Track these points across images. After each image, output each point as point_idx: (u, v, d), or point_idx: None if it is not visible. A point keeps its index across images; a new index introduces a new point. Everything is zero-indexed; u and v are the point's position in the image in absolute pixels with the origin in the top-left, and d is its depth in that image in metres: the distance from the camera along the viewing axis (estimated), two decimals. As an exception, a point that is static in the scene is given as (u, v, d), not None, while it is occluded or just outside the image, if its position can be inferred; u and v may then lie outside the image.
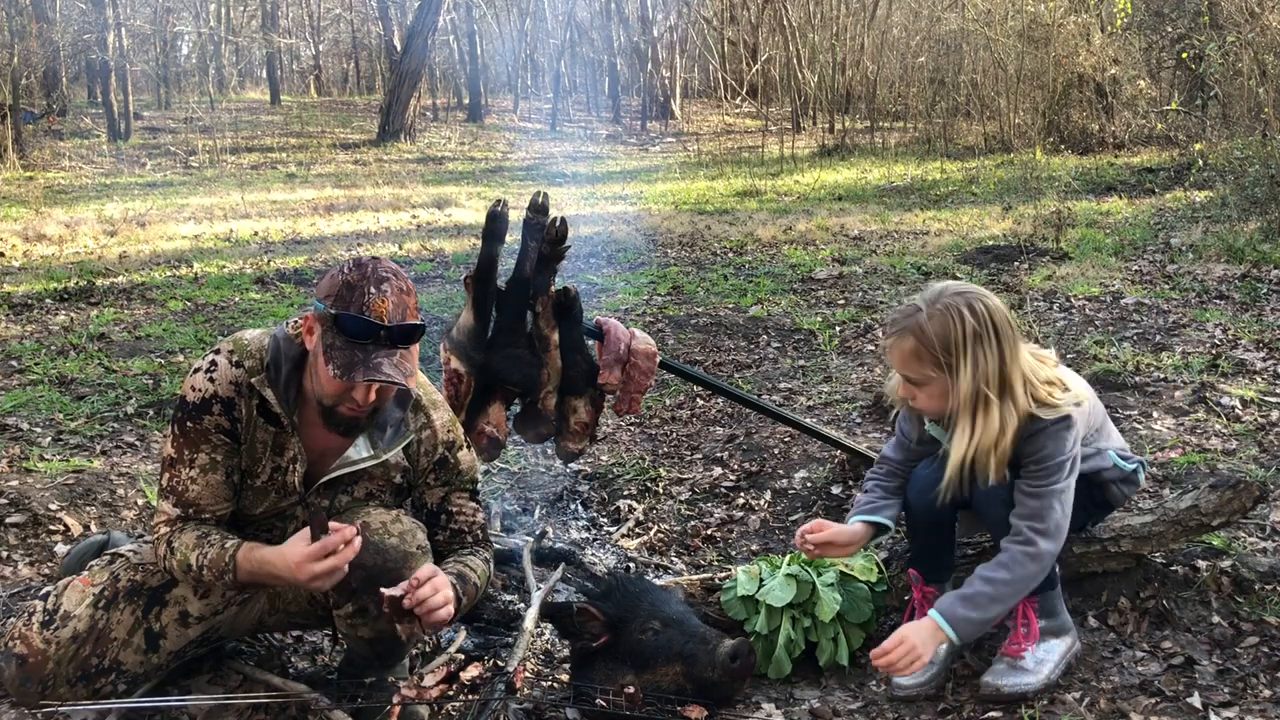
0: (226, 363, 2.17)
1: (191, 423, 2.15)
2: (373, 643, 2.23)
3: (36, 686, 2.14)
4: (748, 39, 27.47)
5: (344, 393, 2.09)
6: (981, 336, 2.20)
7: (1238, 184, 8.45)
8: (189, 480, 2.17)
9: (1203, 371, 4.33)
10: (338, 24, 35.72)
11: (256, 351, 2.19)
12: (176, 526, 2.18)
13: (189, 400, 2.15)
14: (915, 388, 2.30)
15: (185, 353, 5.74)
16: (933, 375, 2.25)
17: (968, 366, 2.20)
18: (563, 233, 2.83)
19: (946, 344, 2.21)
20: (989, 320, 2.21)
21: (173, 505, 2.18)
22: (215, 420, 2.15)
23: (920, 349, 2.23)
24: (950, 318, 2.20)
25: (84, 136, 20.07)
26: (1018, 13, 14.96)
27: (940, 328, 2.21)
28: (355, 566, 2.10)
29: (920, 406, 2.35)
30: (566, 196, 13.12)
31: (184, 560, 2.15)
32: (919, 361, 2.25)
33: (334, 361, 2.04)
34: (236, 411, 2.16)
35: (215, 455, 2.17)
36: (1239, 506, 2.48)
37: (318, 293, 2.11)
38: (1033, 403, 2.24)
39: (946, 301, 2.23)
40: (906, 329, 2.25)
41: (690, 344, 5.78)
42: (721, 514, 3.65)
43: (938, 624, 2.21)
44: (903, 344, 2.27)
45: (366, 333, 2.04)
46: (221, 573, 2.12)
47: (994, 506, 2.34)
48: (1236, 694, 2.25)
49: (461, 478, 2.37)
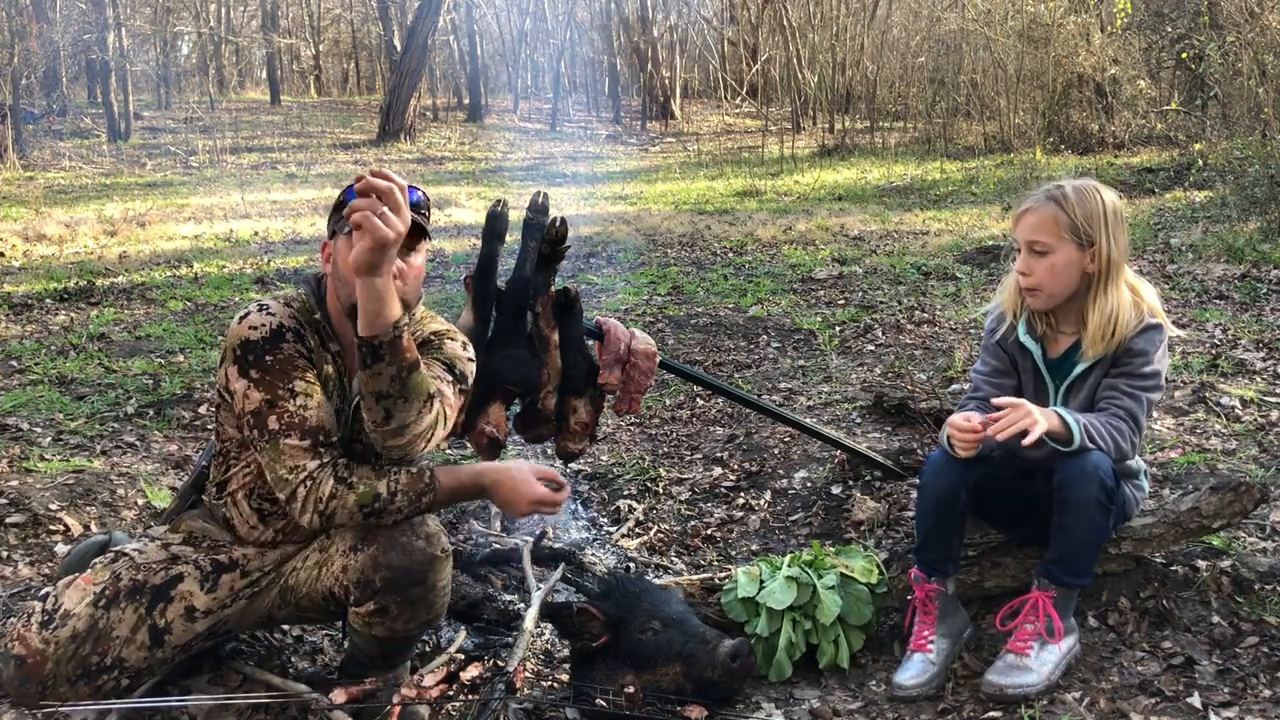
0: (275, 302, 2.20)
1: (270, 356, 2.12)
2: (384, 642, 2.24)
3: (36, 686, 2.13)
4: (748, 39, 27.48)
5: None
6: (1116, 219, 2.40)
7: (1237, 184, 8.46)
8: (300, 409, 2.11)
9: (1202, 371, 4.33)
10: (338, 24, 35.72)
11: (294, 298, 2.24)
12: (331, 459, 2.11)
13: (254, 339, 2.12)
14: (1039, 258, 2.40)
15: (185, 353, 5.74)
16: (1064, 243, 2.37)
17: (1103, 239, 2.37)
18: (563, 233, 2.83)
19: (1089, 215, 2.37)
20: (1118, 208, 2.42)
21: (299, 438, 2.10)
22: (293, 347, 2.15)
23: (1061, 215, 2.38)
24: (1092, 195, 2.39)
25: (84, 136, 20.08)
26: (1018, 13, 14.97)
27: (1083, 201, 2.38)
28: (382, 566, 2.14)
29: (1035, 281, 2.42)
30: (566, 196, 13.13)
31: (368, 491, 2.09)
32: (1056, 227, 2.38)
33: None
34: (306, 340, 2.18)
35: (308, 377, 2.14)
36: (1240, 508, 2.48)
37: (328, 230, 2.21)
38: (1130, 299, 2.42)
39: (1086, 183, 2.42)
40: (1051, 198, 2.40)
41: (690, 344, 5.78)
42: (721, 514, 3.65)
43: (1058, 411, 2.29)
44: (1044, 210, 2.40)
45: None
46: (420, 494, 2.13)
47: (1082, 483, 2.29)
48: (1236, 694, 2.25)
49: (439, 351, 2.29)
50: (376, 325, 1.97)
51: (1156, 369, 2.39)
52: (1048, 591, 2.37)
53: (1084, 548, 2.35)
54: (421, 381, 2.06)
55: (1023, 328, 2.52)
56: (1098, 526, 2.33)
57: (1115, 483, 2.32)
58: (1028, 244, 2.42)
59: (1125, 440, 2.34)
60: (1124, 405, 2.36)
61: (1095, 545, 2.38)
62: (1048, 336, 2.51)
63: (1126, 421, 2.35)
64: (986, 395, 2.49)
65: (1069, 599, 2.39)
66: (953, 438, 2.35)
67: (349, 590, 2.19)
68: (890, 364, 5.02)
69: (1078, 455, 2.29)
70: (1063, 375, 2.48)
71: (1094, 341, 2.40)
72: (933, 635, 2.46)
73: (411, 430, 2.06)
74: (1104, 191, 2.42)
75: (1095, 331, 2.40)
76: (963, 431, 2.31)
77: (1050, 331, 2.51)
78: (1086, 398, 2.44)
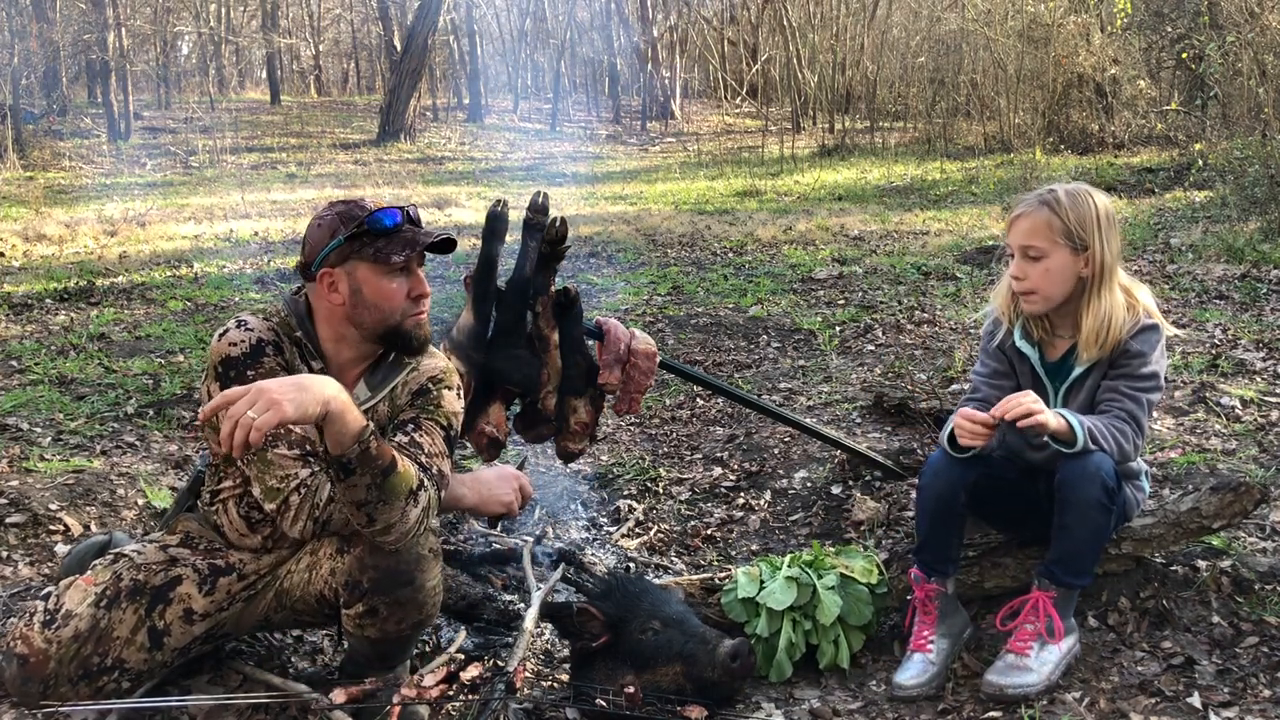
0: (254, 318, 2.20)
1: (253, 370, 2.11)
2: (377, 643, 2.23)
3: (38, 686, 2.13)
4: (748, 39, 27.47)
5: (410, 293, 2.18)
6: (1108, 223, 2.41)
7: (1237, 184, 8.46)
8: None
9: (1202, 371, 4.33)
10: (338, 24, 35.72)
11: (274, 313, 2.24)
12: (317, 470, 2.10)
13: (234, 355, 2.12)
14: (1033, 263, 2.41)
15: (185, 353, 5.74)
16: (1058, 247, 2.38)
17: (1096, 244, 2.38)
18: (563, 233, 2.83)
19: (1082, 220, 2.39)
20: (1110, 212, 2.44)
21: (286, 448, 2.10)
22: (273, 360, 2.15)
23: (1055, 220, 2.39)
24: (1085, 199, 2.41)
25: (84, 136, 20.06)
26: (1018, 13, 14.96)
27: (1076, 206, 2.40)
28: (368, 567, 2.13)
29: (1031, 285, 2.42)
30: (566, 196, 13.13)
31: (401, 481, 2.01)
32: (1050, 232, 2.39)
33: (395, 251, 2.13)
34: (284, 356, 2.17)
35: None
36: (1240, 509, 2.48)
37: (318, 247, 2.17)
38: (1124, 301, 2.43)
39: (1079, 188, 2.45)
40: (1044, 203, 2.42)
41: (690, 344, 5.78)
42: (721, 514, 3.65)
43: (1061, 412, 2.30)
44: (1038, 215, 2.41)
45: (397, 218, 2.17)
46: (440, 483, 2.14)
47: (1083, 484, 2.30)
48: (1236, 694, 2.25)
49: (438, 410, 2.26)
50: (343, 443, 1.93)
51: (1155, 370, 2.39)
52: (1048, 592, 2.37)
53: (1085, 548, 2.35)
54: (400, 480, 2.01)
55: (1018, 333, 2.53)
56: (1099, 527, 2.33)
57: (1117, 484, 2.32)
58: (1022, 249, 2.43)
59: (1128, 442, 2.34)
60: (1125, 407, 2.37)
61: (1096, 546, 2.38)
62: (1045, 341, 2.52)
63: (1128, 423, 2.35)
64: (986, 396, 2.49)
65: (1069, 599, 2.39)
66: (960, 428, 2.34)
67: (338, 592, 2.19)
68: (890, 364, 5.02)
69: (1079, 456, 2.30)
70: (1061, 378, 2.49)
71: (1089, 345, 2.41)
72: (933, 635, 2.46)
73: (399, 529, 2.05)
74: (1096, 195, 2.44)
75: (1089, 335, 2.40)
76: (972, 422, 2.31)
77: (1047, 336, 2.52)
78: (1086, 400, 2.45)
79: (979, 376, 2.61)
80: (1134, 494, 2.51)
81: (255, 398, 1.81)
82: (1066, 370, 2.48)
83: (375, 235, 2.15)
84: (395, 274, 2.17)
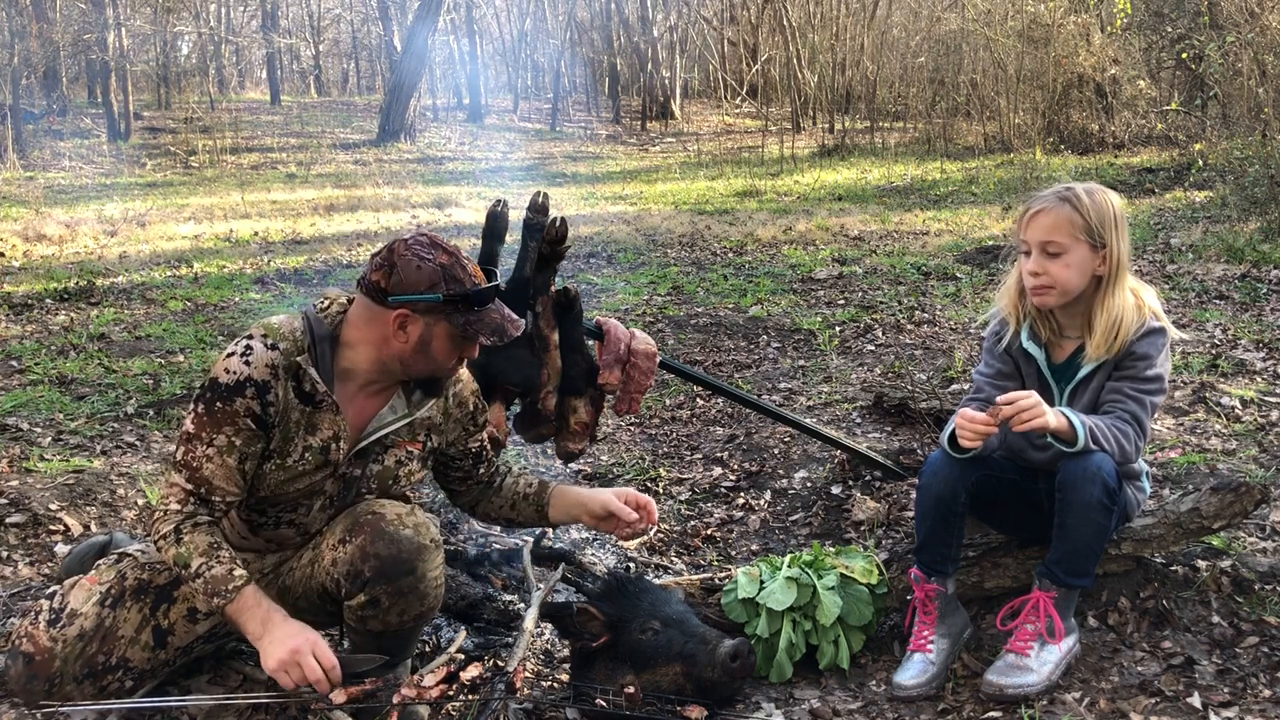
0: (262, 346, 2.14)
1: (221, 404, 2.11)
2: (380, 636, 2.23)
3: (43, 684, 2.14)
4: (748, 39, 27.46)
5: (464, 355, 2.24)
6: (1123, 221, 2.44)
7: (1237, 184, 8.46)
8: (204, 458, 2.12)
9: (1202, 371, 4.33)
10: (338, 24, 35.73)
11: (290, 334, 2.17)
12: (189, 513, 2.12)
13: (221, 382, 2.11)
14: (1051, 259, 2.41)
15: (185, 353, 5.74)
16: (1079, 244, 2.39)
17: (1114, 242, 2.40)
18: (563, 233, 2.83)
19: (1102, 217, 2.40)
20: (1123, 212, 2.46)
21: (186, 480, 2.13)
22: (246, 404, 2.11)
23: (1076, 216, 2.40)
24: (1103, 197, 2.44)
25: (84, 136, 20.06)
26: (1018, 13, 14.96)
27: (1096, 203, 2.42)
28: (370, 556, 2.15)
29: (1048, 281, 2.42)
30: (566, 196, 13.13)
31: (185, 556, 2.09)
32: (1071, 228, 2.39)
33: (484, 333, 2.17)
34: (271, 395, 2.13)
35: (235, 439, 2.12)
36: (1240, 509, 2.48)
37: (410, 288, 2.12)
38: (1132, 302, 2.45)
39: (1094, 186, 2.47)
40: (1064, 199, 2.42)
41: (690, 344, 5.78)
42: (721, 514, 3.65)
43: (1064, 412, 2.30)
44: (1059, 211, 2.41)
45: (491, 296, 2.20)
46: (214, 594, 2.07)
47: (1085, 485, 2.30)
48: (1236, 694, 2.25)
49: (486, 423, 2.53)
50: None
51: (1159, 372, 2.40)
52: (1048, 592, 2.37)
53: (1085, 549, 2.35)
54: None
55: (1025, 333, 2.53)
56: (1100, 528, 2.33)
57: (1118, 484, 2.32)
58: (1041, 245, 2.42)
59: (1130, 443, 2.35)
60: (1128, 408, 2.37)
61: (1097, 546, 2.38)
62: (1052, 342, 2.52)
63: (1131, 424, 2.35)
64: (989, 396, 2.49)
65: (1070, 599, 2.39)
66: (961, 429, 2.34)
67: (340, 583, 2.19)
68: (890, 364, 5.03)
69: (1081, 456, 2.30)
70: (1067, 379, 2.49)
71: (1099, 345, 2.41)
72: (933, 635, 2.46)
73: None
74: (1111, 194, 2.46)
75: (1101, 334, 2.41)
76: (973, 422, 2.31)
77: (1054, 337, 2.51)
78: (1090, 401, 2.45)
79: (982, 377, 2.61)
80: (1135, 494, 2.51)
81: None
82: (1072, 371, 2.48)
83: (472, 303, 2.16)
84: (466, 344, 2.21)
